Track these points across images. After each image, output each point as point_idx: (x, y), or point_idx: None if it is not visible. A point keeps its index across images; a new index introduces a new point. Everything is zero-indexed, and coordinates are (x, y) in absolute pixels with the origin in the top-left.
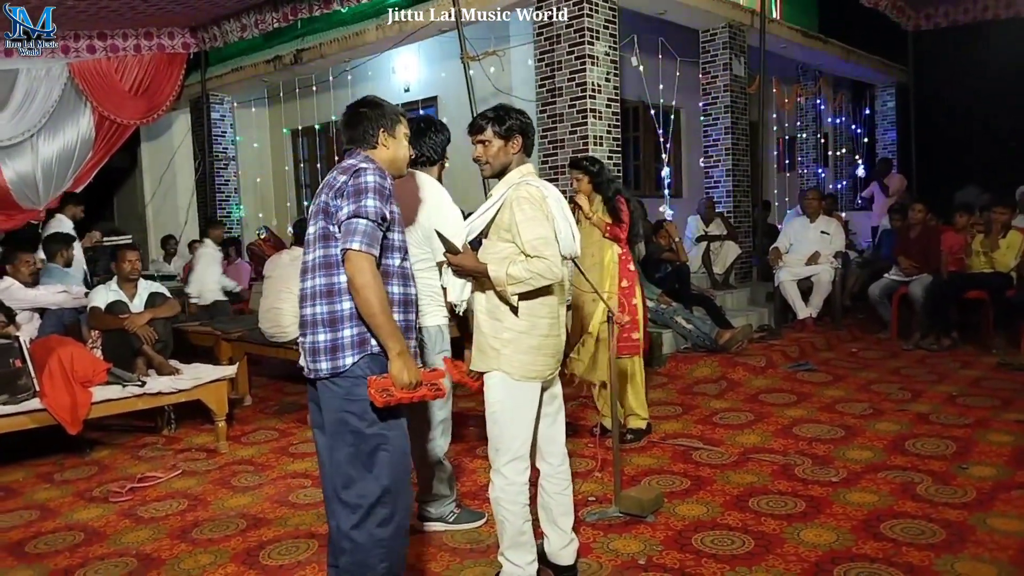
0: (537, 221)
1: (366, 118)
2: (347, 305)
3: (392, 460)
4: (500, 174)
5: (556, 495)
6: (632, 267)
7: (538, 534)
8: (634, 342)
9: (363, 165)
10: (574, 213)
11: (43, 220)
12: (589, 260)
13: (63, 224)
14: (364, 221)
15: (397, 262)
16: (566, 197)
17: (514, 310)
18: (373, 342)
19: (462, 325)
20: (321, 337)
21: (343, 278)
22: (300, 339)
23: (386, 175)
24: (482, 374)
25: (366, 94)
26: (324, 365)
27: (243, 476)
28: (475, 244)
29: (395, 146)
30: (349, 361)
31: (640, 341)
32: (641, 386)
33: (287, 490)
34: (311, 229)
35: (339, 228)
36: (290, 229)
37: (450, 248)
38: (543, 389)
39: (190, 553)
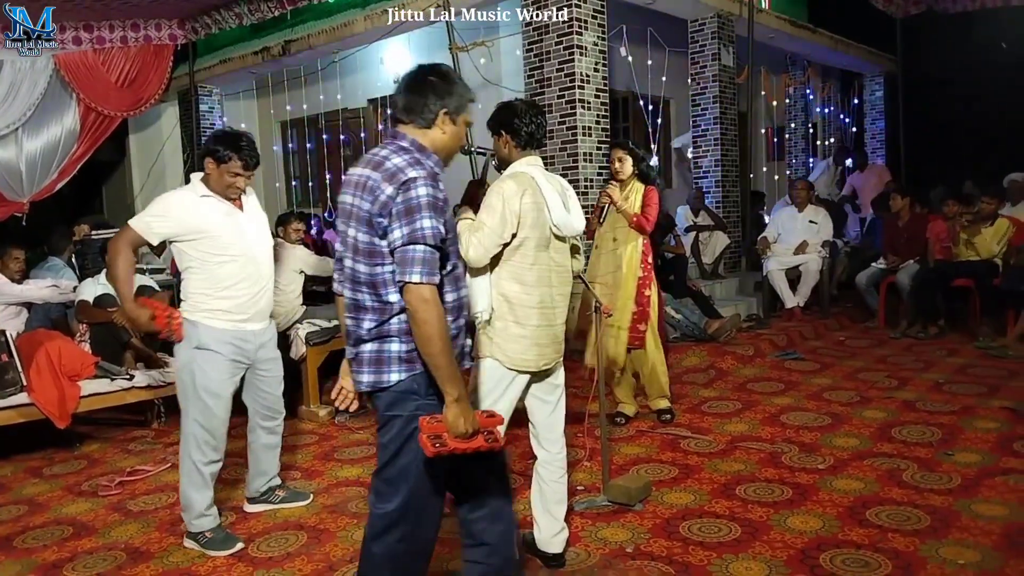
0: (493, 211)
1: (432, 89)
2: (395, 321)
3: (423, 475)
4: (503, 167)
5: (552, 482)
6: (650, 259)
7: (527, 523)
8: (640, 333)
9: (413, 174)
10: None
11: (26, 213)
12: (609, 245)
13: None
14: (421, 247)
15: (448, 268)
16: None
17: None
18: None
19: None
20: (367, 347)
21: (394, 297)
22: (348, 351)
23: (438, 180)
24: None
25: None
26: (366, 378)
27: (232, 468)
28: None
29: (452, 134)
30: (395, 377)
31: (645, 333)
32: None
33: None
34: (350, 232)
35: (391, 253)
36: None
37: None
38: (543, 378)
39: (179, 546)
